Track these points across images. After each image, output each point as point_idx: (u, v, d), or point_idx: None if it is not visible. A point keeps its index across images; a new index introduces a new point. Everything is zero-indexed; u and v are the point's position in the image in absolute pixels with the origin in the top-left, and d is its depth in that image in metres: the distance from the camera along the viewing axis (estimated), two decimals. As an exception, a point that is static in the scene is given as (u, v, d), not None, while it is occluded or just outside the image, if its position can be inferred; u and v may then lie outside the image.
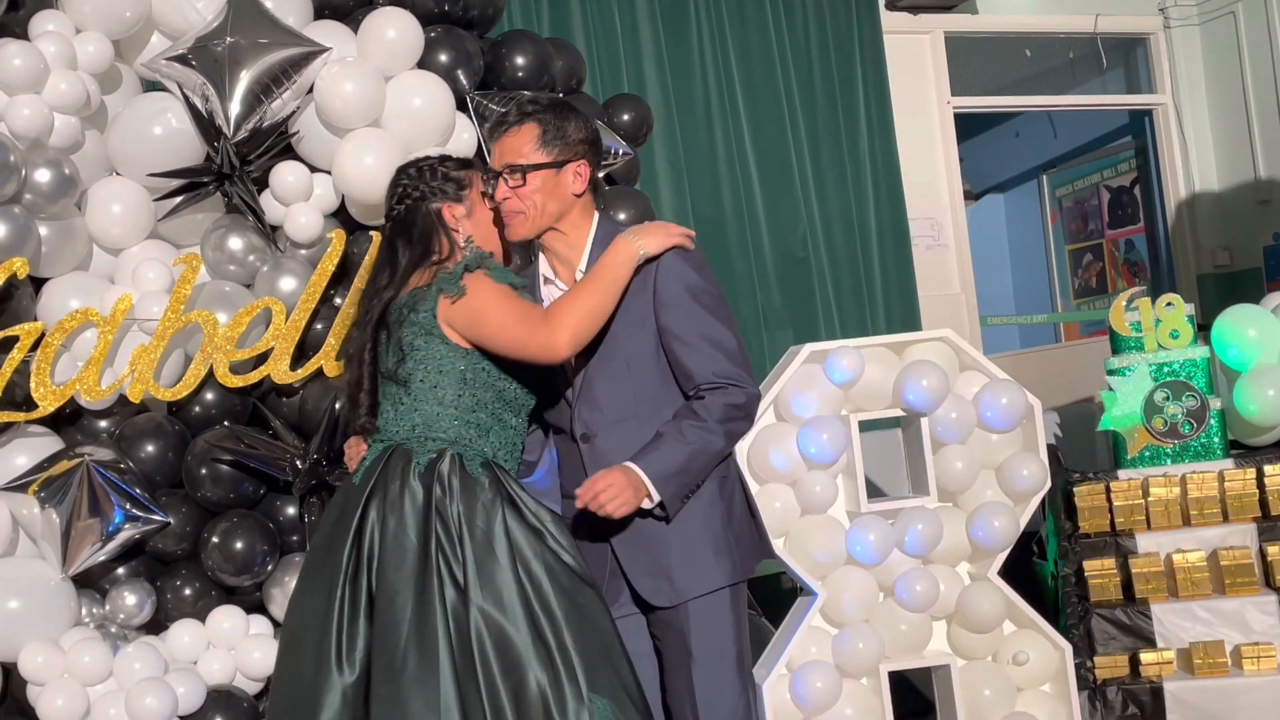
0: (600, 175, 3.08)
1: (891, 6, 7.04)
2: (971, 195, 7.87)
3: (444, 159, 3.04)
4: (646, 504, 2.79)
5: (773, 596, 4.63)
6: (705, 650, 2.87)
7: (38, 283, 4.04)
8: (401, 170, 3.04)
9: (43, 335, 3.89)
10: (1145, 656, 4.32)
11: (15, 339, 3.87)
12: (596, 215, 2.94)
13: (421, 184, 2.95)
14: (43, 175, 3.90)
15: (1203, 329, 4.75)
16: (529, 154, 2.79)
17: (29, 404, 3.92)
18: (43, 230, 3.99)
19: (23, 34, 3.94)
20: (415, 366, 2.81)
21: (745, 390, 2.83)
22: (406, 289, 2.87)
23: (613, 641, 2.71)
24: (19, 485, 3.90)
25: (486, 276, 2.76)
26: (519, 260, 3.28)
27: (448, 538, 2.71)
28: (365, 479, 2.81)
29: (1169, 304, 4.66)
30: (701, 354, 2.83)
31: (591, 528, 2.87)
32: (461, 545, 2.70)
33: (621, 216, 4.20)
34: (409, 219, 2.94)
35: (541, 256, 2.96)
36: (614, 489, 2.70)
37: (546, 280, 2.93)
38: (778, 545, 3.80)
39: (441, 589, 2.66)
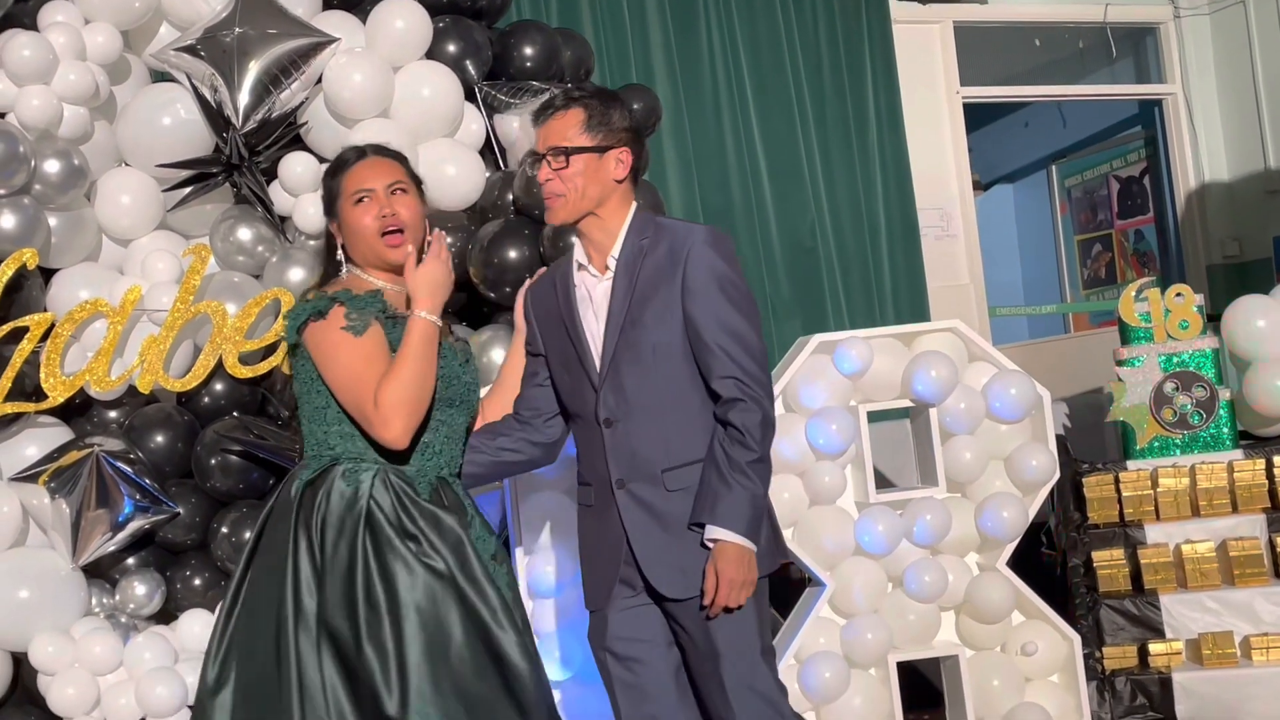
0: (641, 165, 3.03)
1: (901, -5, 7.00)
2: (980, 186, 7.85)
3: (336, 159, 2.99)
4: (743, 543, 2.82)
5: (781, 587, 4.64)
6: (732, 647, 2.85)
7: (47, 273, 4.06)
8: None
9: (52, 326, 3.90)
10: (1154, 647, 4.34)
11: (25, 329, 3.88)
12: (634, 205, 2.95)
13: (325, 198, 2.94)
14: (52, 166, 3.91)
15: (1212, 320, 4.78)
16: (573, 138, 2.81)
17: (39, 394, 3.92)
18: (52, 221, 4.01)
19: (32, 25, 3.95)
20: (300, 388, 2.84)
21: (761, 407, 2.84)
22: None
23: (461, 653, 2.63)
24: (29, 476, 3.92)
25: (328, 325, 2.69)
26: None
27: (309, 553, 2.67)
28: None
29: (1178, 295, 4.67)
30: (723, 354, 2.84)
31: (602, 517, 2.92)
32: (316, 562, 2.67)
33: None
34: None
35: (577, 243, 2.98)
36: (729, 578, 2.77)
37: (580, 266, 2.94)
38: (786, 535, 3.72)
39: (295, 604, 2.63)
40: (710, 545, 2.78)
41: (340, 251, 2.89)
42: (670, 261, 2.83)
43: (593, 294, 2.93)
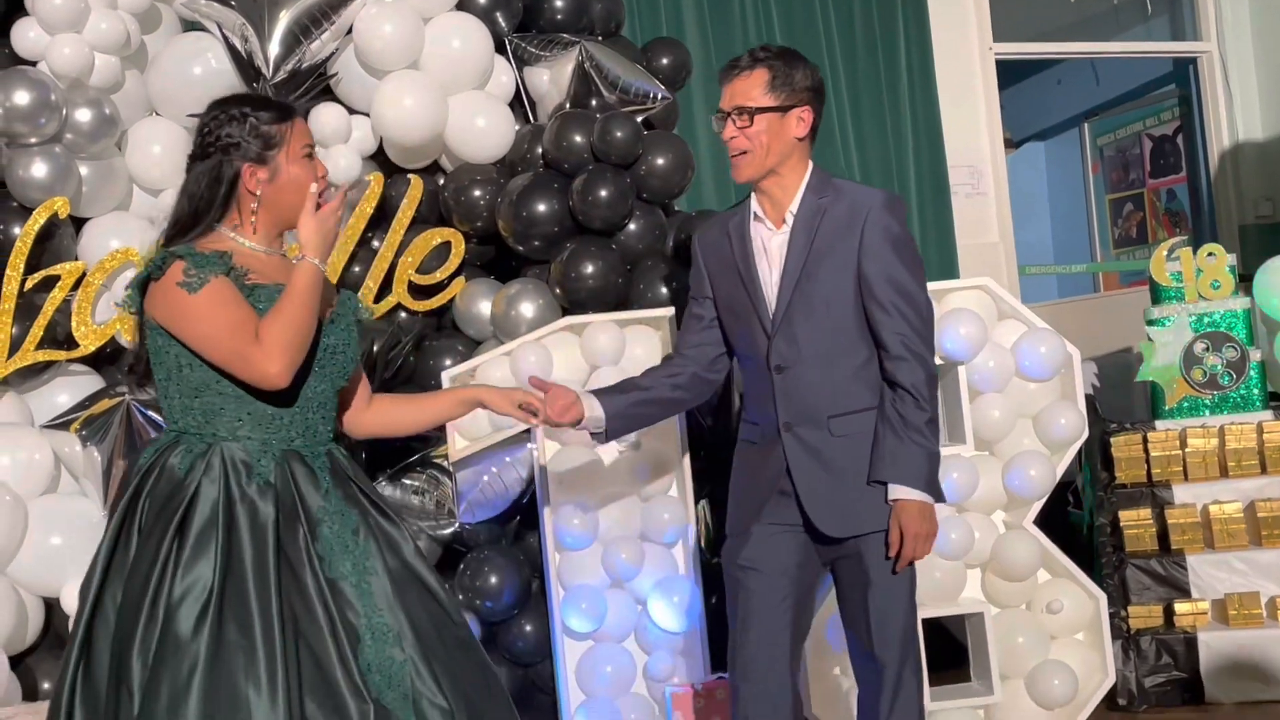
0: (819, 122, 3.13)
1: (932, -49, 7.00)
2: (1012, 144, 7.85)
3: (265, 103, 2.75)
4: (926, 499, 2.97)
5: None
6: (883, 577, 2.98)
7: (78, 223, 4.11)
8: (213, 107, 2.71)
9: (84, 275, 3.98)
10: (1179, 607, 4.37)
11: (56, 278, 3.96)
12: (810, 163, 3.06)
13: (225, 131, 2.63)
14: (83, 115, 3.97)
15: (1244, 280, 4.77)
16: (757, 97, 2.93)
17: (70, 343, 3.99)
18: (83, 170, 4.07)
19: None
20: (148, 351, 2.68)
21: (925, 364, 2.97)
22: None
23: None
24: (61, 423, 4.00)
25: (190, 272, 2.50)
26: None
27: (137, 534, 2.54)
28: None
29: (1210, 254, 4.68)
30: (895, 311, 2.97)
31: (766, 454, 3.03)
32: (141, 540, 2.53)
33: (659, 161, 4.34)
34: (199, 169, 2.64)
35: (754, 196, 3.08)
36: (914, 533, 2.94)
37: (756, 217, 3.05)
38: None
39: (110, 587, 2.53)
40: (893, 503, 2.94)
41: (242, 197, 2.64)
42: (849, 221, 2.96)
43: (768, 246, 3.04)
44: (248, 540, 2.47)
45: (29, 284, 3.93)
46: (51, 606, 3.95)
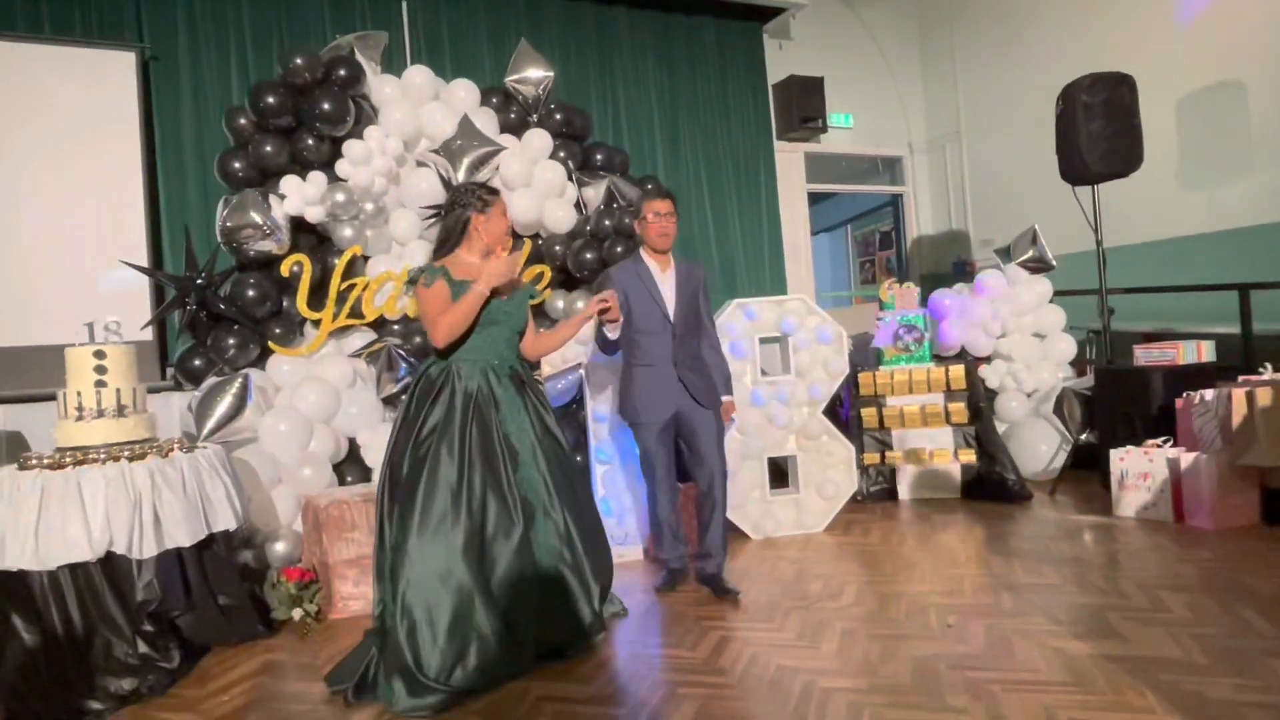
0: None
1: (779, 138, 7.26)
2: (814, 232, 8.04)
3: (487, 188, 2.73)
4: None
5: None
6: (719, 427, 3.20)
7: (366, 259, 4.21)
8: (459, 188, 2.74)
9: (368, 283, 4.10)
10: (889, 454, 4.59)
11: (354, 284, 4.08)
12: None
13: (465, 199, 2.66)
14: (369, 206, 4.09)
15: (924, 301, 4.92)
16: (674, 211, 3.17)
17: (360, 315, 4.10)
18: (368, 233, 4.18)
19: (359, 135, 4.07)
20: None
21: (718, 349, 3.29)
22: None
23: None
24: (356, 354, 4.12)
25: (427, 278, 2.56)
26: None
27: (413, 404, 2.62)
28: None
29: (907, 286, 4.82)
30: (708, 321, 3.27)
31: (661, 373, 3.11)
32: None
33: None
34: (449, 218, 2.68)
35: (648, 254, 3.16)
36: (730, 413, 3.23)
37: (649, 267, 3.14)
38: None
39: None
40: (724, 400, 3.21)
41: (471, 233, 2.64)
42: (691, 275, 3.22)
43: (660, 282, 3.14)
44: (460, 404, 2.52)
45: (342, 287, 4.04)
46: (352, 441, 3.98)
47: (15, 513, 2.55)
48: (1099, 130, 4.60)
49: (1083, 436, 4.57)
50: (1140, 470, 3.87)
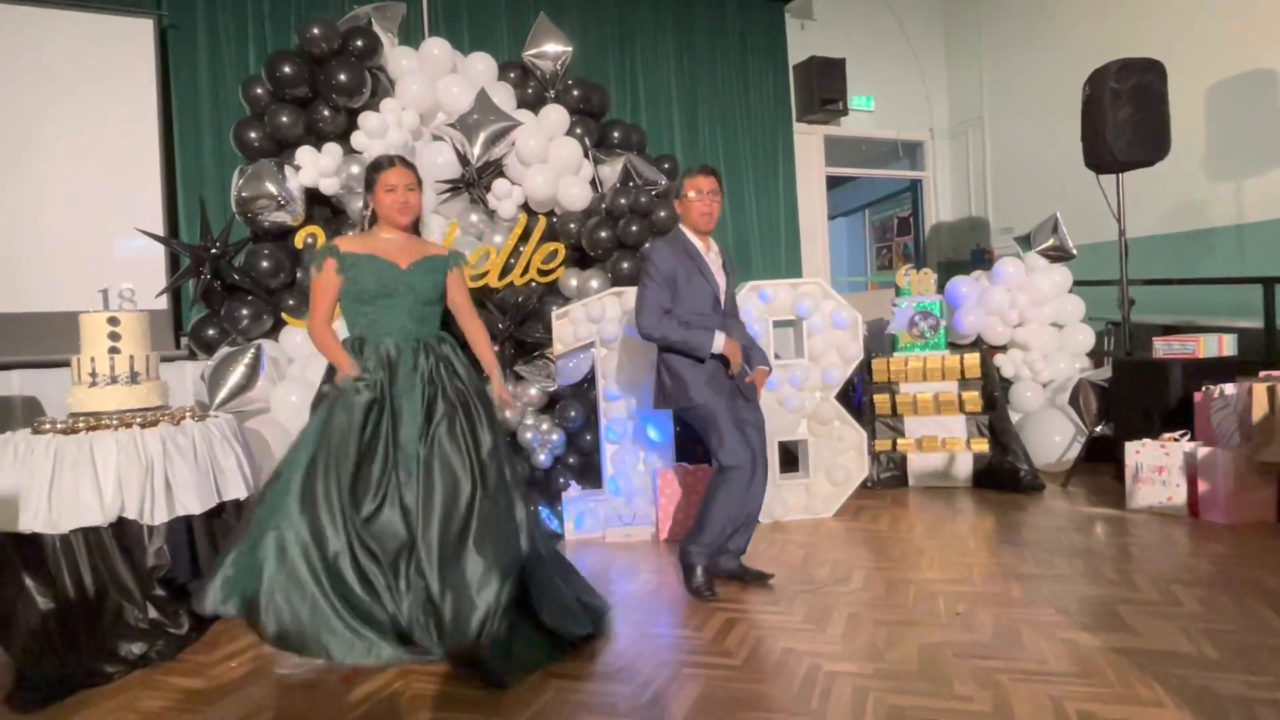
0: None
1: (799, 120, 7.20)
2: (831, 216, 8.01)
3: (378, 159, 2.60)
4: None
5: None
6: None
7: None
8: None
9: None
10: (900, 441, 4.58)
11: None
12: None
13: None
14: None
15: (940, 288, 4.92)
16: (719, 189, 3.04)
17: None
18: None
19: (375, 107, 4.07)
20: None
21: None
22: None
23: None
24: None
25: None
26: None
27: None
28: None
29: (923, 271, 4.79)
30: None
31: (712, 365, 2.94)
32: None
33: (662, 214, 4.21)
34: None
35: (691, 232, 2.99)
36: (764, 382, 3.08)
37: (693, 244, 2.98)
38: None
39: None
40: (764, 368, 3.04)
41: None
42: (725, 252, 3.11)
43: (708, 259, 2.97)
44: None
45: None
46: None
47: (29, 476, 2.57)
48: (1127, 117, 4.52)
49: (1098, 428, 4.52)
50: (1156, 464, 3.83)
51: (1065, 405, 4.79)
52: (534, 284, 4.25)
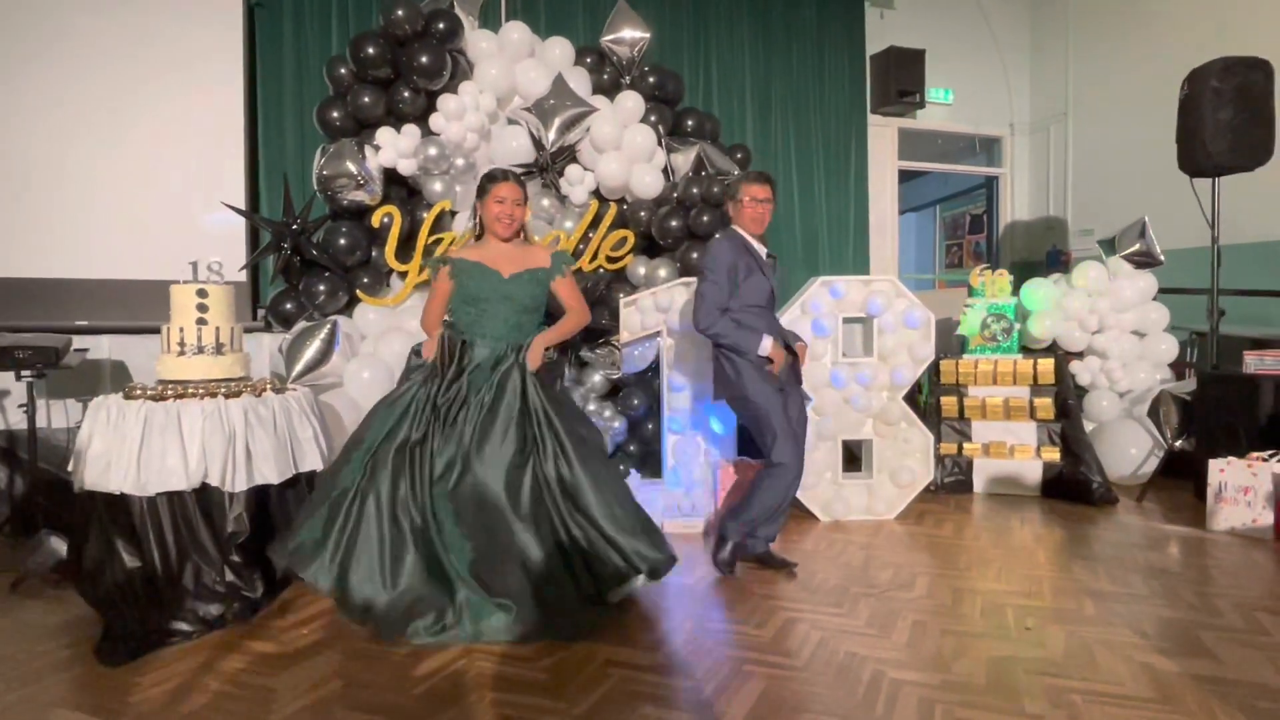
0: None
1: (873, 111, 7.03)
2: (901, 211, 7.83)
3: (491, 172, 2.88)
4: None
5: None
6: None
7: (454, 214, 4.20)
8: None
9: (454, 239, 4.07)
10: (966, 445, 4.52)
11: (440, 239, 4.07)
12: None
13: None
14: (459, 162, 4.10)
15: (1015, 290, 4.79)
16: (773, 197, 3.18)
17: None
18: (457, 189, 4.18)
19: (454, 90, 4.10)
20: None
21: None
22: None
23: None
24: None
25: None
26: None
27: None
28: None
29: (998, 272, 4.70)
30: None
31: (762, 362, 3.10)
32: None
33: None
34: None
35: (745, 233, 3.12)
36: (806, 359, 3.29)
37: (750, 242, 3.12)
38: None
39: None
40: (802, 344, 3.24)
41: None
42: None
43: (763, 257, 3.14)
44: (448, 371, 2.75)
45: (429, 240, 4.04)
46: None
47: (120, 439, 2.68)
48: (1228, 119, 4.30)
49: (1178, 443, 4.36)
50: (1241, 483, 3.68)
51: (1143, 417, 4.65)
52: (602, 271, 4.28)
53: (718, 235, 3.11)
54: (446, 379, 2.69)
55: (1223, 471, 3.74)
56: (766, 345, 3.03)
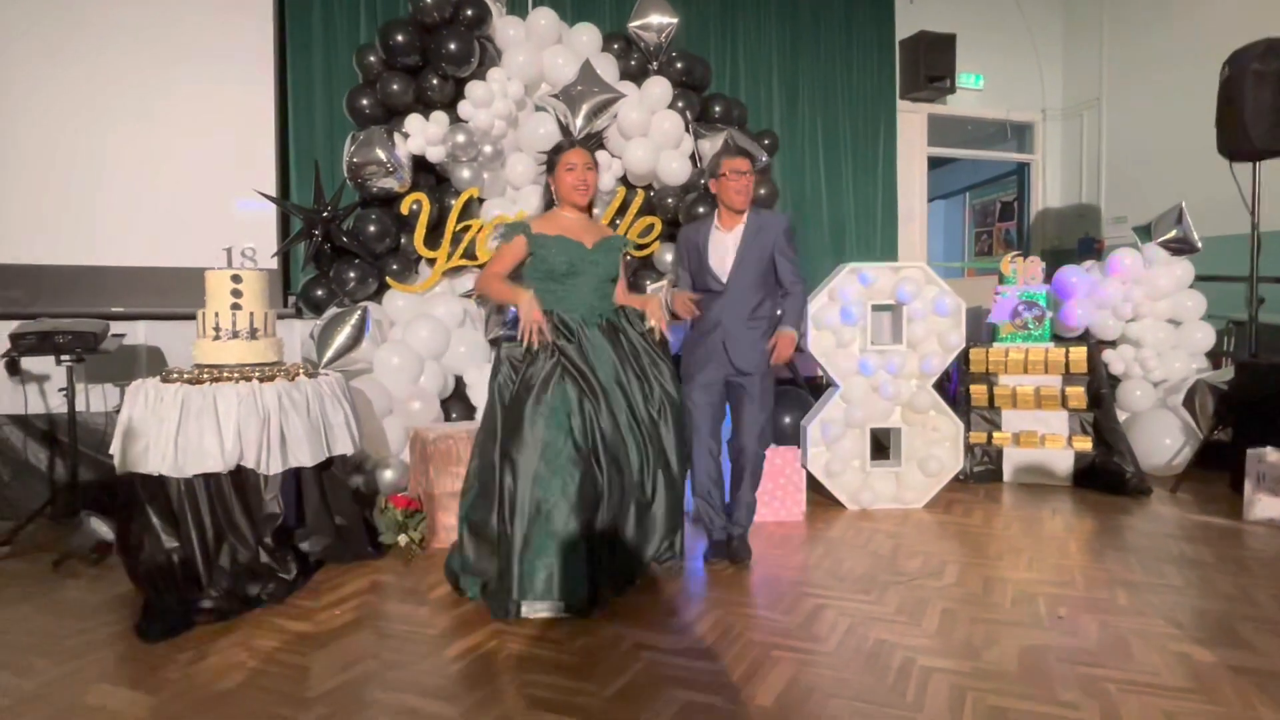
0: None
1: (902, 97, 6.97)
2: (930, 198, 7.76)
3: (559, 142, 2.91)
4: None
5: (818, 387, 4.69)
6: (762, 396, 3.11)
7: (481, 201, 4.23)
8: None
9: (482, 226, 4.13)
10: (996, 435, 4.47)
11: (469, 226, 4.12)
12: None
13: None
14: (487, 149, 4.09)
15: (1046, 277, 4.69)
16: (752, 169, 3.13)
17: (474, 257, 4.15)
18: (485, 175, 4.18)
19: (482, 76, 4.09)
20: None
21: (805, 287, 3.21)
22: None
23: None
24: (465, 295, 4.19)
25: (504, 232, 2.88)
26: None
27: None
28: None
29: (1029, 259, 4.60)
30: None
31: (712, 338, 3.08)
32: None
33: (762, 191, 4.21)
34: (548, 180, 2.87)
35: (726, 212, 3.14)
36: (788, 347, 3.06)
37: (716, 226, 3.14)
38: (824, 362, 3.94)
39: None
40: (784, 332, 3.06)
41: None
42: (763, 231, 3.11)
43: (721, 242, 3.10)
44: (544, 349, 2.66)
45: (458, 228, 4.08)
46: (459, 378, 4.11)
47: (158, 422, 2.73)
48: (1270, 102, 4.20)
49: (1214, 433, 4.29)
50: (1280, 474, 3.61)
51: (1178, 406, 4.59)
52: (630, 257, 4.18)
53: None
54: (570, 356, 2.60)
55: (1261, 462, 3.66)
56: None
